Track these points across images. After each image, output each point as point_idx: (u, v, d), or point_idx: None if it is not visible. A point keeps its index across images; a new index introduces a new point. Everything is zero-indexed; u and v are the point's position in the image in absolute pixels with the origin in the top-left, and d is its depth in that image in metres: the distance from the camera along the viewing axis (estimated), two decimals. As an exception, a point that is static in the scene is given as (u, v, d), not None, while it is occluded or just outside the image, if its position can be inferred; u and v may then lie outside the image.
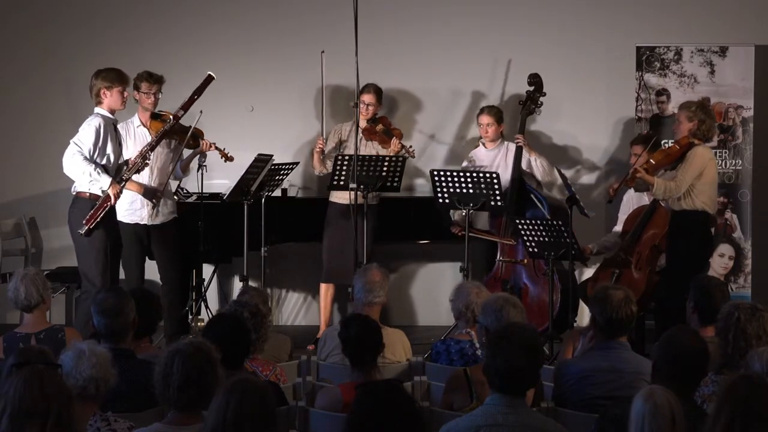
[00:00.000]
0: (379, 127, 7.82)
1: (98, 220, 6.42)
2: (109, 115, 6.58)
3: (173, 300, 7.27)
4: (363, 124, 7.77)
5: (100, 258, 6.49)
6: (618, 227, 7.59)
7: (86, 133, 6.49)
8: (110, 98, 6.55)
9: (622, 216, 7.59)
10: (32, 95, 8.65)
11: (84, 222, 6.40)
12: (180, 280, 7.44)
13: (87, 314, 6.38)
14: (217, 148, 7.31)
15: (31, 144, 8.65)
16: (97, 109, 6.58)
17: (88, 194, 6.52)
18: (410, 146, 7.77)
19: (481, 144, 7.91)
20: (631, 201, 7.60)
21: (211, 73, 6.97)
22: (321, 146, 7.79)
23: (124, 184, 6.63)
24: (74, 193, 6.59)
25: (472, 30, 8.56)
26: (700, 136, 6.82)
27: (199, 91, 6.97)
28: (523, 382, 3.66)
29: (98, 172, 6.47)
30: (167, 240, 7.28)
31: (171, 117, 6.93)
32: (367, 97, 7.78)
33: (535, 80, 7.83)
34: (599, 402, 4.23)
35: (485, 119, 7.82)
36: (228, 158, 7.34)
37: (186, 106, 6.95)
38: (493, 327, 4.47)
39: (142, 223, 7.18)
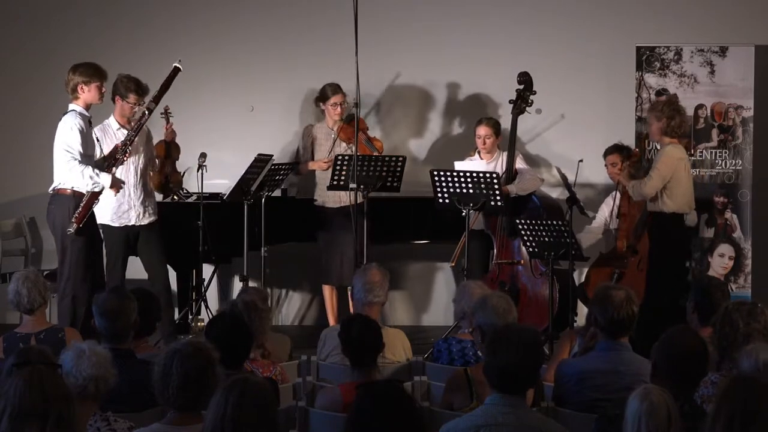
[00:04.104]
0: (360, 134, 7.79)
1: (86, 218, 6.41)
2: (85, 112, 6.58)
3: (166, 299, 7.25)
4: (338, 124, 7.77)
5: (81, 258, 6.48)
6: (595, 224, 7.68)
7: (72, 137, 6.47)
8: (88, 93, 6.55)
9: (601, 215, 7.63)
10: (32, 95, 8.65)
11: (74, 221, 6.37)
12: (168, 279, 7.43)
13: (68, 317, 6.41)
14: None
15: (31, 144, 8.64)
16: (72, 105, 6.56)
17: (69, 191, 6.50)
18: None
19: (477, 154, 7.88)
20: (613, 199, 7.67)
21: (177, 65, 6.92)
22: (326, 167, 7.77)
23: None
24: (53, 191, 6.56)
25: (470, 29, 8.56)
26: (671, 133, 6.80)
27: (166, 85, 6.89)
28: (522, 381, 3.66)
29: (96, 173, 6.47)
30: (156, 239, 7.25)
31: (146, 110, 6.89)
32: (339, 98, 7.78)
33: (524, 79, 7.79)
34: (599, 404, 4.23)
35: (483, 130, 7.78)
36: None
37: (157, 99, 6.90)
38: (484, 322, 4.49)
39: (131, 224, 7.14)
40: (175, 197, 7.80)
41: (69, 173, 6.47)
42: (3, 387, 3.13)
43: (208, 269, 7.93)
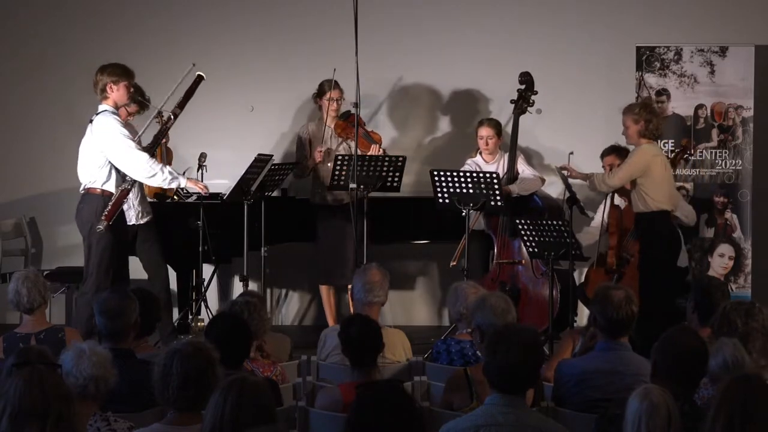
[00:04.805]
0: (359, 130, 7.80)
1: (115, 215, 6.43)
2: (116, 111, 6.60)
3: (165, 299, 7.27)
4: (334, 120, 7.77)
5: (105, 257, 6.49)
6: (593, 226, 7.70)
7: (127, 134, 6.49)
8: (117, 93, 6.56)
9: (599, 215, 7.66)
10: (32, 95, 8.66)
11: (103, 218, 6.39)
12: (168, 280, 7.44)
13: (87, 312, 6.41)
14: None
15: (31, 144, 8.65)
16: (103, 105, 6.56)
17: (99, 190, 6.52)
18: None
19: (479, 155, 7.88)
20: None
21: (201, 73, 6.94)
22: (319, 157, 7.77)
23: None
24: (84, 190, 6.58)
25: (471, 30, 8.57)
26: (650, 135, 6.87)
27: (190, 93, 6.93)
28: (522, 381, 3.66)
29: (174, 172, 6.54)
30: (154, 239, 7.31)
31: (171, 115, 6.92)
32: (336, 93, 7.77)
33: (526, 79, 7.79)
34: (599, 404, 4.22)
35: (485, 131, 7.78)
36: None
37: (181, 105, 6.93)
38: (483, 322, 4.49)
39: (131, 223, 7.17)
40: (175, 197, 7.80)
41: (148, 168, 6.50)
42: (3, 387, 3.13)
43: (208, 269, 7.93)
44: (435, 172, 7.31)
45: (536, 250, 6.84)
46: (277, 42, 8.62)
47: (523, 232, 6.85)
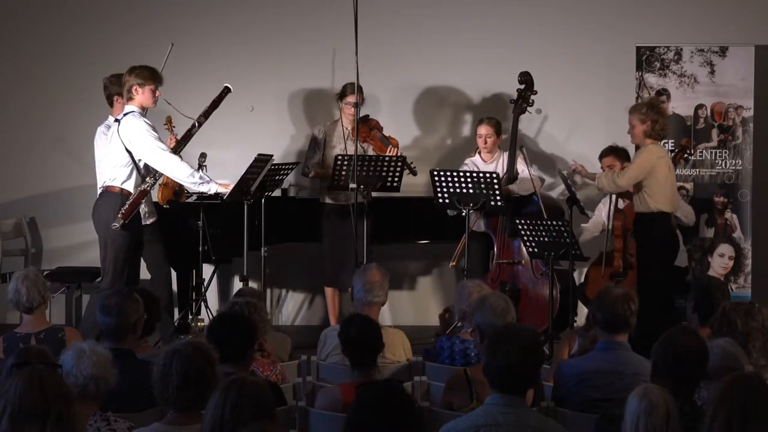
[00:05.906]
0: (375, 132, 7.79)
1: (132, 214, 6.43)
2: (143, 113, 6.61)
3: (167, 300, 7.26)
4: (352, 123, 7.76)
5: (121, 256, 6.50)
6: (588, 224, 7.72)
7: (156, 135, 6.50)
8: (142, 95, 6.58)
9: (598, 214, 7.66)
10: (32, 95, 8.65)
11: (120, 216, 6.39)
12: (170, 280, 7.45)
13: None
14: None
15: (31, 144, 8.65)
16: (129, 107, 6.58)
17: (118, 189, 6.53)
18: (411, 162, 7.64)
19: (478, 155, 7.87)
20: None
21: (228, 85, 6.97)
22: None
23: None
24: (103, 188, 6.59)
25: (471, 29, 8.57)
26: (655, 136, 6.87)
27: (216, 103, 6.99)
28: (522, 381, 3.66)
29: (205, 176, 6.61)
30: (158, 240, 7.33)
31: (196, 122, 6.95)
32: (353, 98, 7.71)
33: (525, 78, 7.79)
34: (599, 404, 4.23)
35: (484, 130, 7.77)
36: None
37: (207, 114, 6.98)
38: (483, 322, 4.49)
39: None
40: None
41: (185, 168, 6.56)
42: (3, 387, 3.13)
43: (208, 269, 7.93)
44: (435, 172, 7.30)
45: (536, 250, 6.85)
46: (277, 42, 8.61)
47: (523, 232, 6.85)
